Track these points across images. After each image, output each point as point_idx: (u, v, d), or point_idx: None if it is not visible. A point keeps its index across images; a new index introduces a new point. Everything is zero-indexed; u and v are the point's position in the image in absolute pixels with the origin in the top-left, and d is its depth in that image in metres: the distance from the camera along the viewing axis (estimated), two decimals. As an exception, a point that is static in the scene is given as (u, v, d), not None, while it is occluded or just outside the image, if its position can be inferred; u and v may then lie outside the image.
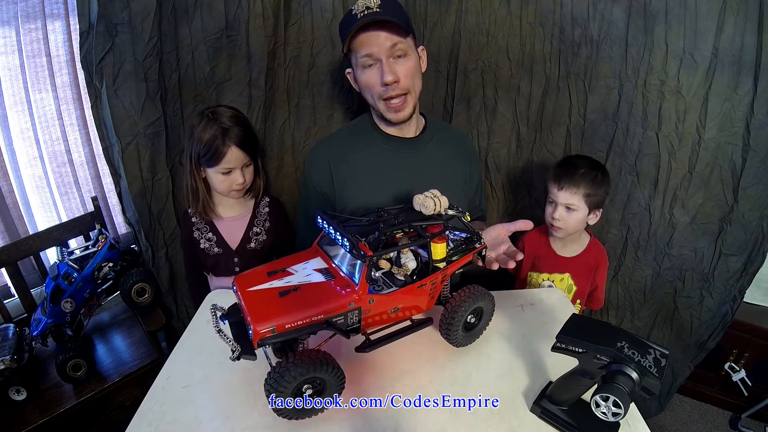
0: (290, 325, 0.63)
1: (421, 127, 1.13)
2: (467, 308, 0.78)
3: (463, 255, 0.78)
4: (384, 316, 0.73)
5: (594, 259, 1.29)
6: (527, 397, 0.73)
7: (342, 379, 0.68)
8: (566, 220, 1.21)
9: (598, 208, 1.23)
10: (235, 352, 0.65)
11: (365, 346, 0.72)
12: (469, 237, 0.81)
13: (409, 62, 0.99)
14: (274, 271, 0.72)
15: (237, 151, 1.15)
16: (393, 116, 1.02)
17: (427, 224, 0.76)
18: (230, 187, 1.19)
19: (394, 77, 0.96)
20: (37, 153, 1.46)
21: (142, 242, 1.36)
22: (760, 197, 1.22)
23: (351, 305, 0.67)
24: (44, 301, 1.29)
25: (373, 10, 0.93)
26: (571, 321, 0.67)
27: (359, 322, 0.70)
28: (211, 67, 1.27)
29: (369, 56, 0.97)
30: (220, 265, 1.28)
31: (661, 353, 0.60)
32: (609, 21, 1.24)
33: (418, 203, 0.77)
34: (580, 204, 1.19)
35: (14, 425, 1.18)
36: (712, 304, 1.38)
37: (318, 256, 0.76)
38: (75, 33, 1.37)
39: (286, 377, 0.61)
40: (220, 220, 1.28)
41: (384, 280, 0.72)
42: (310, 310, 0.64)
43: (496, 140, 1.47)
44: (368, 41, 0.95)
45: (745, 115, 1.17)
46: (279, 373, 0.62)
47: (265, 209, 1.32)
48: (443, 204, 0.77)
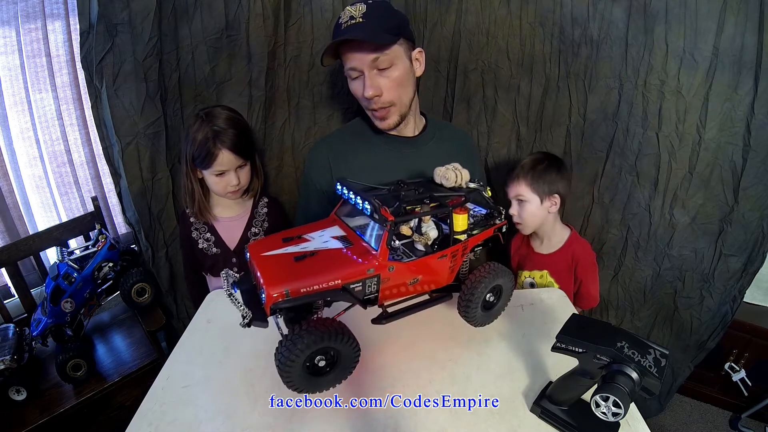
0: (306, 290, 0.61)
1: (422, 127, 1.13)
2: (487, 285, 0.76)
3: (483, 229, 0.77)
4: (402, 288, 0.71)
5: (572, 255, 1.29)
6: (527, 397, 0.73)
7: (357, 352, 0.66)
8: (520, 213, 1.25)
9: (552, 195, 1.23)
10: (245, 318, 0.62)
11: (382, 318, 0.71)
12: (489, 213, 0.80)
13: (394, 73, 0.97)
14: (289, 237, 0.70)
15: (228, 154, 1.14)
16: (378, 124, 1.04)
17: (448, 196, 0.74)
18: (225, 188, 1.19)
19: (374, 91, 0.96)
20: (37, 153, 1.46)
21: (142, 242, 1.36)
22: (760, 197, 1.22)
23: (370, 271, 0.64)
24: (44, 301, 1.29)
25: (357, 21, 0.91)
26: (571, 321, 0.67)
27: (377, 292, 0.67)
28: (211, 67, 1.27)
29: (353, 69, 0.97)
30: (218, 266, 1.28)
31: (661, 353, 0.60)
32: (609, 21, 1.24)
33: (439, 175, 0.76)
34: (528, 194, 1.22)
35: (14, 425, 1.18)
36: (712, 305, 1.38)
37: (336, 225, 0.74)
38: (75, 33, 1.37)
39: (298, 345, 0.59)
40: (218, 220, 1.28)
41: (404, 251, 0.70)
42: (327, 274, 0.62)
43: (496, 140, 1.47)
44: (350, 56, 0.95)
45: (746, 115, 1.17)
46: (292, 341, 0.60)
47: (264, 209, 1.32)
48: (464, 177, 0.77)
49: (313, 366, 0.64)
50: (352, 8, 0.93)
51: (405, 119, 1.06)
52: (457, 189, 0.76)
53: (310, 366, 0.64)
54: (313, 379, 0.66)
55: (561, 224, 1.32)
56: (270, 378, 0.76)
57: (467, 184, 0.77)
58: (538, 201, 1.23)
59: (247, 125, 1.23)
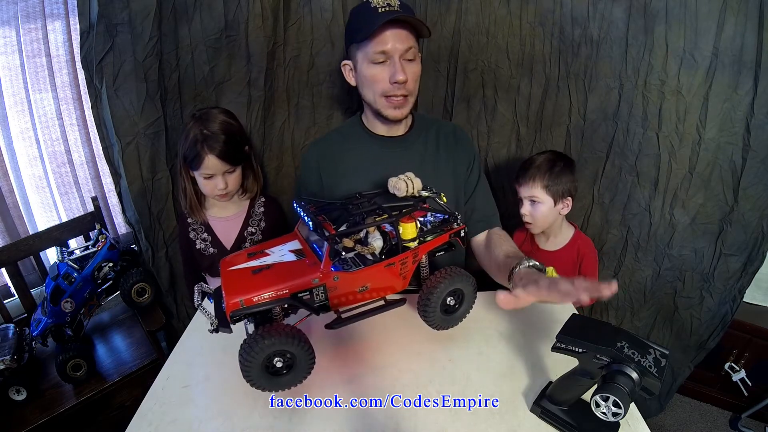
0: (257, 299, 0.67)
1: (409, 125, 1.13)
2: (444, 289, 0.79)
3: (438, 235, 0.80)
4: (352, 296, 0.75)
5: (578, 252, 1.30)
6: (527, 397, 0.73)
7: (312, 357, 0.71)
8: (533, 213, 1.25)
9: (565, 197, 1.24)
10: (213, 325, 0.71)
11: (334, 323, 0.76)
12: (445, 218, 0.82)
13: (416, 67, 1.00)
14: (254, 252, 0.78)
15: (215, 160, 1.14)
16: (391, 113, 1.02)
17: (400, 206, 0.78)
18: (213, 191, 1.20)
19: (405, 77, 0.97)
20: (37, 153, 1.46)
21: (142, 242, 1.37)
22: (760, 197, 1.22)
23: (315, 281, 0.70)
24: (44, 301, 1.29)
25: (395, 8, 0.93)
26: (571, 321, 0.67)
27: (326, 300, 0.72)
28: (210, 67, 1.27)
29: (383, 53, 0.96)
30: (215, 266, 1.28)
31: (661, 353, 0.60)
32: (609, 21, 1.24)
33: (391, 186, 0.80)
34: (542, 195, 1.22)
35: (14, 425, 1.18)
36: (712, 305, 1.38)
37: (295, 239, 0.80)
38: (75, 33, 1.37)
39: (255, 348, 0.66)
40: (214, 220, 1.28)
41: (355, 260, 0.74)
42: (276, 285, 0.68)
43: (496, 140, 1.47)
44: (386, 38, 0.94)
45: (746, 115, 1.17)
46: (249, 343, 0.66)
47: (260, 209, 1.32)
48: (416, 186, 0.80)
49: (271, 366, 0.69)
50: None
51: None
52: (409, 198, 0.80)
53: (269, 366, 0.69)
54: (272, 378, 0.70)
55: (566, 222, 1.33)
56: (270, 378, 0.76)
57: (419, 193, 0.81)
58: (552, 203, 1.22)
59: (240, 131, 1.23)
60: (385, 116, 1.03)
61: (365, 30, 0.94)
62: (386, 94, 0.99)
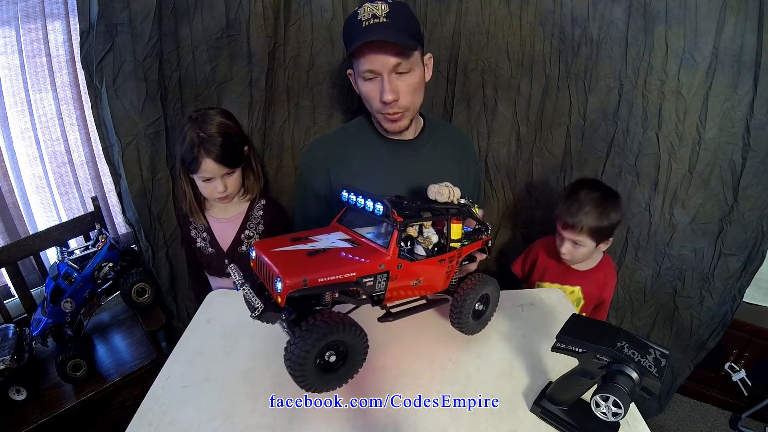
0: (323, 280, 0.63)
1: (420, 128, 1.12)
2: (476, 295, 0.81)
3: (473, 242, 0.84)
4: (405, 290, 0.75)
5: (604, 274, 1.29)
6: (527, 397, 0.73)
7: (365, 343, 0.69)
8: (573, 253, 1.22)
9: (608, 237, 1.21)
10: (257, 310, 0.64)
11: (388, 316, 0.75)
12: (477, 228, 0.87)
13: (412, 78, 0.95)
14: (298, 238, 0.73)
15: (212, 164, 1.13)
16: (389, 126, 1.02)
17: (442, 209, 0.80)
18: (212, 194, 1.19)
19: (394, 96, 0.93)
20: (37, 153, 1.46)
21: (142, 242, 1.36)
22: (760, 197, 1.22)
23: (381, 266, 0.68)
24: (44, 301, 1.28)
25: (380, 21, 0.88)
26: (571, 321, 0.67)
27: (385, 290, 0.71)
28: (211, 67, 1.27)
29: (371, 71, 0.93)
30: (213, 265, 1.29)
31: (661, 353, 0.60)
32: (609, 21, 1.24)
33: (433, 192, 0.81)
34: (586, 240, 1.18)
35: (14, 425, 1.18)
36: (712, 304, 1.38)
37: (339, 230, 0.78)
38: (75, 33, 1.37)
39: (309, 338, 0.60)
40: (214, 220, 1.28)
41: (406, 256, 0.74)
42: (342, 267, 0.65)
43: (496, 140, 1.47)
44: (371, 58, 0.91)
45: (745, 115, 1.17)
46: (302, 336, 0.61)
47: (259, 212, 1.30)
48: (456, 194, 0.83)
49: (323, 362, 0.65)
50: (373, 6, 0.89)
51: (414, 119, 1.05)
52: (449, 204, 0.81)
53: (321, 363, 0.65)
54: (325, 376, 0.66)
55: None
56: (270, 378, 0.76)
57: (459, 201, 0.83)
58: (594, 245, 1.19)
59: (238, 132, 1.20)
60: (385, 129, 1.04)
61: (349, 47, 0.93)
62: (380, 111, 0.98)
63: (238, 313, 0.94)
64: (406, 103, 0.97)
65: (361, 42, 0.88)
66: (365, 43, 0.88)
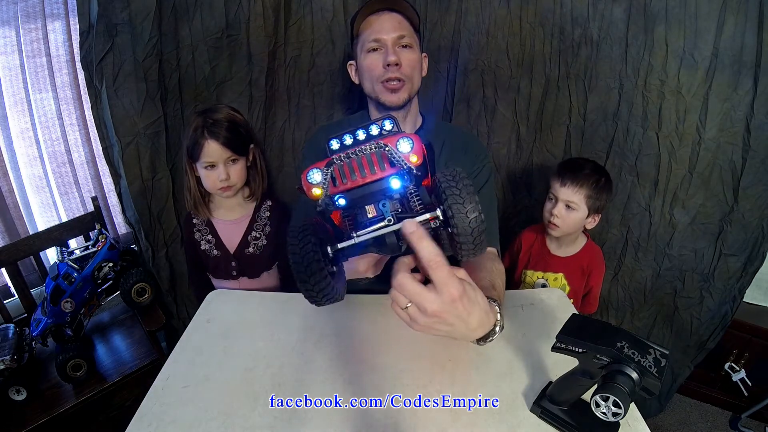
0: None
1: (418, 126, 1.12)
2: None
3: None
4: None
5: (588, 261, 1.30)
6: (527, 397, 0.73)
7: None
8: (564, 218, 1.22)
9: (598, 213, 1.24)
10: (393, 221, 0.56)
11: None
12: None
13: (412, 54, 1.02)
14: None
15: (216, 145, 1.13)
16: (388, 97, 1.02)
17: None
18: (215, 184, 1.17)
19: (397, 59, 0.99)
20: (37, 153, 1.46)
21: (142, 242, 1.36)
22: (760, 197, 1.22)
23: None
24: (44, 301, 1.29)
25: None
26: (571, 321, 0.67)
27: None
28: (211, 67, 1.27)
29: (376, 41, 1.00)
30: (219, 268, 1.28)
31: (661, 353, 0.60)
32: (609, 21, 1.24)
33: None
34: (581, 204, 1.20)
35: (14, 425, 1.18)
36: (712, 304, 1.38)
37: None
38: (75, 33, 1.37)
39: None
40: (219, 222, 1.28)
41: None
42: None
43: (496, 140, 1.47)
44: (379, 26, 0.99)
45: (745, 115, 1.17)
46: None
47: (266, 213, 1.30)
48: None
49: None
50: None
51: (412, 106, 1.08)
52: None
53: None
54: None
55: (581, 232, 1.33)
56: (270, 378, 0.76)
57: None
58: (586, 214, 1.22)
59: (245, 123, 1.22)
60: (383, 103, 1.03)
61: (357, 20, 1.01)
62: (381, 78, 1.01)
63: (238, 313, 0.94)
64: (408, 71, 1.01)
65: (370, 7, 0.98)
66: (374, 11, 0.99)
